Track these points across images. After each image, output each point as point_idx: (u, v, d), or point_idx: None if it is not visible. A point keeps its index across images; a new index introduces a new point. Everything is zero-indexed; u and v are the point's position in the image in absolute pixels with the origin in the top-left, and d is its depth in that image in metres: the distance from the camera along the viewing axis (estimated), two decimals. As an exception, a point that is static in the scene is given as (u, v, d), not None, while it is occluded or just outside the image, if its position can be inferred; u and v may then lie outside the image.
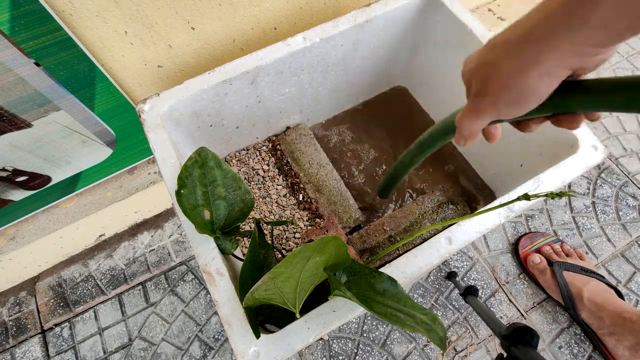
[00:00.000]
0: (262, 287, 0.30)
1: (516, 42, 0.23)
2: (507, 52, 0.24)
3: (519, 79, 0.23)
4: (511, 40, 0.23)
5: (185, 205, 0.37)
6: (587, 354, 0.67)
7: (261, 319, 0.39)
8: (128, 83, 0.55)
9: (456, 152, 0.70)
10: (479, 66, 0.26)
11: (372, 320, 0.70)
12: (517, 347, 0.41)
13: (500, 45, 0.24)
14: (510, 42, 0.23)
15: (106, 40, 0.47)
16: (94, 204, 0.67)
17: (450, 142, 0.70)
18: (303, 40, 0.52)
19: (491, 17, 0.90)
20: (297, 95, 0.62)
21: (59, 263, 0.78)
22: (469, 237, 0.40)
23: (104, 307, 0.74)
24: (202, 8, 0.50)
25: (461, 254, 0.75)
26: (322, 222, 0.56)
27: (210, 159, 0.39)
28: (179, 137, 0.52)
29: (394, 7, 0.55)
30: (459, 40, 0.57)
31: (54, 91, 0.47)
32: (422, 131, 0.41)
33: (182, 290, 0.74)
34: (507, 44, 0.24)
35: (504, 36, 0.24)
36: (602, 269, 0.74)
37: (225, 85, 0.50)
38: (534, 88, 0.23)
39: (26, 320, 0.73)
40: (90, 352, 0.70)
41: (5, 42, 0.40)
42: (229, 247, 0.40)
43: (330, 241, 0.29)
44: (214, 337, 0.70)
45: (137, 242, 0.79)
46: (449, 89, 0.65)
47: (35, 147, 0.52)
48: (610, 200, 0.81)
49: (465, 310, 0.71)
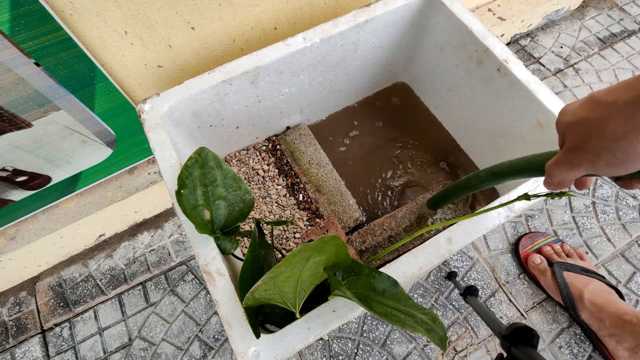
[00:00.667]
0: (262, 287, 0.30)
1: (624, 105, 0.23)
2: (613, 113, 0.23)
3: (625, 143, 0.23)
4: (620, 102, 0.23)
5: (185, 205, 0.37)
6: (587, 354, 0.67)
7: (261, 319, 0.39)
8: (128, 83, 0.55)
9: (457, 150, 0.70)
10: (579, 121, 0.26)
11: (372, 320, 0.70)
12: (517, 347, 0.41)
13: (606, 106, 0.24)
14: (619, 105, 0.23)
15: (106, 40, 0.47)
16: (94, 204, 0.67)
17: (450, 136, 0.70)
18: (303, 40, 0.52)
19: (491, 17, 0.90)
20: (297, 95, 0.62)
21: (59, 263, 0.78)
22: (469, 237, 0.40)
23: (104, 307, 0.74)
24: (202, 8, 0.50)
25: (461, 254, 0.75)
26: (322, 222, 0.56)
27: (211, 159, 0.39)
28: (179, 137, 0.52)
29: (394, 7, 0.55)
30: (459, 40, 0.57)
31: (54, 91, 0.47)
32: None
33: (182, 290, 0.74)
34: (614, 106, 0.23)
35: (611, 96, 0.24)
36: (602, 269, 0.74)
37: (225, 85, 0.50)
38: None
39: (26, 320, 0.73)
40: (90, 352, 0.70)
41: (5, 42, 0.40)
42: (229, 247, 0.40)
43: (330, 241, 0.29)
44: (214, 337, 0.70)
45: (137, 242, 0.79)
46: (449, 88, 0.65)
47: (35, 147, 0.52)
48: (610, 200, 0.81)
49: (465, 310, 0.71)
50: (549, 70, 0.97)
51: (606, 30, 1.03)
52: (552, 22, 1.05)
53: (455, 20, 0.55)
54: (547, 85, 0.61)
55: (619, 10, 1.07)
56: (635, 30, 1.03)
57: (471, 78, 0.58)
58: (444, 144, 0.70)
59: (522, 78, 0.50)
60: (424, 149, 0.70)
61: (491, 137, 0.61)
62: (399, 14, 0.57)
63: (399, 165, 0.69)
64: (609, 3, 1.08)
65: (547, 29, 1.04)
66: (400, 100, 0.76)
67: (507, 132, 0.57)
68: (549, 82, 0.95)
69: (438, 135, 0.71)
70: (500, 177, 0.39)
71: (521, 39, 1.02)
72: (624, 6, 1.07)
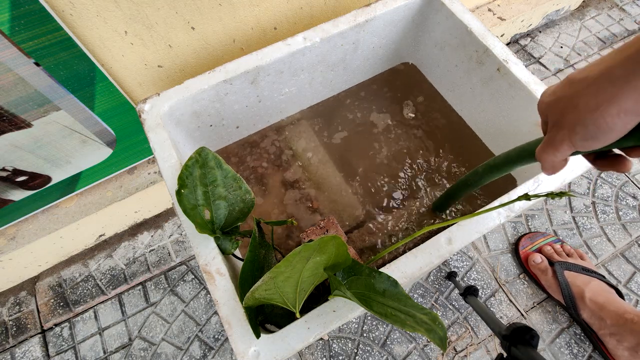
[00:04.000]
0: (262, 286, 0.30)
1: (595, 79, 0.24)
2: (585, 88, 0.24)
3: (596, 116, 0.24)
4: (590, 77, 0.24)
5: (185, 205, 0.37)
6: (587, 354, 0.67)
7: (261, 319, 0.39)
8: (128, 83, 0.55)
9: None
10: (556, 100, 0.27)
11: (372, 320, 0.70)
12: (517, 347, 0.41)
13: (578, 82, 0.25)
14: (589, 79, 0.24)
15: (106, 40, 0.47)
16: (94, 204, 0.67)
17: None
18: (303, 40, 0.52)
19: (491, 17, 0.90)
20: (297, 95, 0.62)
21: (59, 263, 0.78)
22: (469, 237, 0.40)
23: (104, 307, 0.74)
24: (202, 8, 0.50)
25: (461, 254, 0.75)
26: (322, 222, 0.56)
27: (211, 158, 0.39)
28: (179, 137, 0.52)
29: (394, 7, 0.55)
30: (459, 40, 0.57)
31: (54, 91, 0.47)
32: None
33: (182, 290, 0.74)
34: (586, 81, 0.24)
35: (583, 73, 0.25)
36: (602, 269, 0.74)
37: (225, 85, 0.50)
38: (611, 125, 0.23)
39: (26, 320, 0.73)
40: (90, 352, 0.70)
41: (5, 42, 0.40)
42: (229, 247, 0.40)
43: (330, 241, 0.29)
44: (214, 337, 0.70)
45: (137, 242, 0.79)
46: (448, 88, 0.66)
47: (35, 147, 0.52)
48: (610, 200, 0.81)
49: (465, 310, 0.71)
50: (549, 70, 0.97)
51: (606, 30, 1.03)
52: (552, 22, 1.05)
53: (455, 20, 0.55)
54: (547, 85, 0.61)
55: (619, 10, 1.07)
56: (635, 30, 1.03)
57: (471, 78, 0.59)
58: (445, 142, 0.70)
59: (522, 78, 0.50)
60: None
61: (491, 137, 0.61)
62: (399, 14, 0.57)
63: (400, 164, 0.69)
64: (609, 3, 1.08)
65: (547, 29, 1.04)
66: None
67: (507, 132, 0.57)
68: (549, 82, 0.95)
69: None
70: (497, 169, 0.40)
71: (521, 39, 1.02)
72: (624, 6, 1.07)
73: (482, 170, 0.42)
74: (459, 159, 0.70)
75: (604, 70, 0.23)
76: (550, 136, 0.28)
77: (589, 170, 0.84)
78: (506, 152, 0.38)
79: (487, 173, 0.41)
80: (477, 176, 0.43)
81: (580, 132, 0.25)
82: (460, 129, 0.68)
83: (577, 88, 0.25)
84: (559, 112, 0.27)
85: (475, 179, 0.43)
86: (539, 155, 0.30)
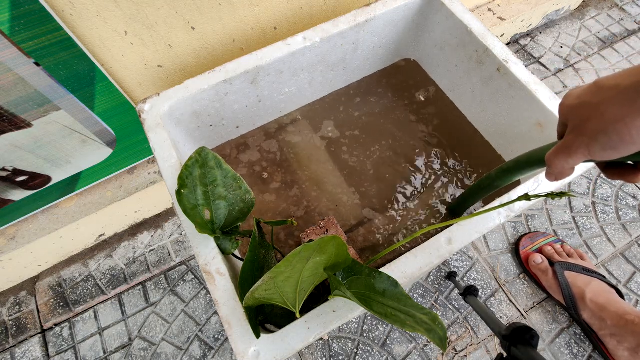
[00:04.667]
0: (262, 287, 0.30)
1: (626, 88, 0.23)
2: (613, 97, 0.24)
3: (621, 126, 0.23)
4: (621, 86, 0.24)
5: (185, 205, 0.37)
6: (587, 354, 0.67)
7: (261, 319, 0.39)
8: (128, 83, 0.55)
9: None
10: (580, 104, 0.26)
11: (372, 320, 0.70)
12: (517, 347, 0.41)
13: (608, 89, 0.24)
14: (619, 88, 0.24)
15: (106, 40, 0.47)
16: (94, 204, 0.67)
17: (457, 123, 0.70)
18: (303, 40, 0.52)
19: (491, 17, 0.90)
20: (297, 95, 0.62)
21: (59, 263, 0.78)
22: (469, 237, 0.40)
23: (104, 307, 0.74)
24: (202, 8, 0.50)
25: (461, 254, 0.75)
26: (322, 222, 0.56)
27: (211, 158, 0.39)
28: (179, 136, 0.52)
29: (394, 7, 0.55)
30: (459, 40, 0.57)
31: (54, 91, 0.47)
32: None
33: (182, 290, 0.74)
34: (616, 89, 0.24)
35: (613, 81, 0.24)
36: (602, 269, 0.74)
37: (225, 85, 0.50)
38: (635, 138, 0.23)
39: (26, 320, 0.73)
40: (90, 352, 0.70)
41: (5, 42, 0.40)
42: (229, 247, 0.40)
43: (331, 241, 0.29)
44: (214, 337, 0.70)
45: (137, 242, 0.79)
46: (449, 88, 0.66)
47: (35, 147, 0.52)
48: (610, 200, 0.81)
49: (465, 310, 0.71)
50: (549, 70, 0.97)
51: (606, 30, 1.03)
52: (552, 22, 1.05)
53: (455, 20, 0.55)
54: (547, 85, 0.61)
55: (619, 10, 1.07)
56: (635, 30, 1.03)
57: (471, 78, 0.59)
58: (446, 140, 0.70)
59: (522, 78, 0.50)
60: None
61: (491, 137, 0.61)
62: (399, 14, 0.57)
63: (401, 164, 0.69)
64: (609, 3, 1.08)
65: (547, 29, 1.04)
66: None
67: (507, 132, 0.57)
68: (549, 82, 0.95)
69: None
70: (509, 173, 0.40)
71: (521, 39, 1.02)
72: (624, 6, 1.07)
73: (495, 174, 0.43)
74: (463, 159, 0.70)
75: (636, 82, 0.23)
76: (567, 141, 0.27)
77: (589, 170, 0.84)
78: (516, 157, 0.38)
79: (500, 177, 0.42)
80: (491, 180, 0.44)
81: (602, 140, 0.24)
82: (462, 127, 0.68)
83: (604, 96, 0.24)
84: (582, 117, 0.26)
85: (489, 182, 0.44)
86: (550, 159, 0.29)
